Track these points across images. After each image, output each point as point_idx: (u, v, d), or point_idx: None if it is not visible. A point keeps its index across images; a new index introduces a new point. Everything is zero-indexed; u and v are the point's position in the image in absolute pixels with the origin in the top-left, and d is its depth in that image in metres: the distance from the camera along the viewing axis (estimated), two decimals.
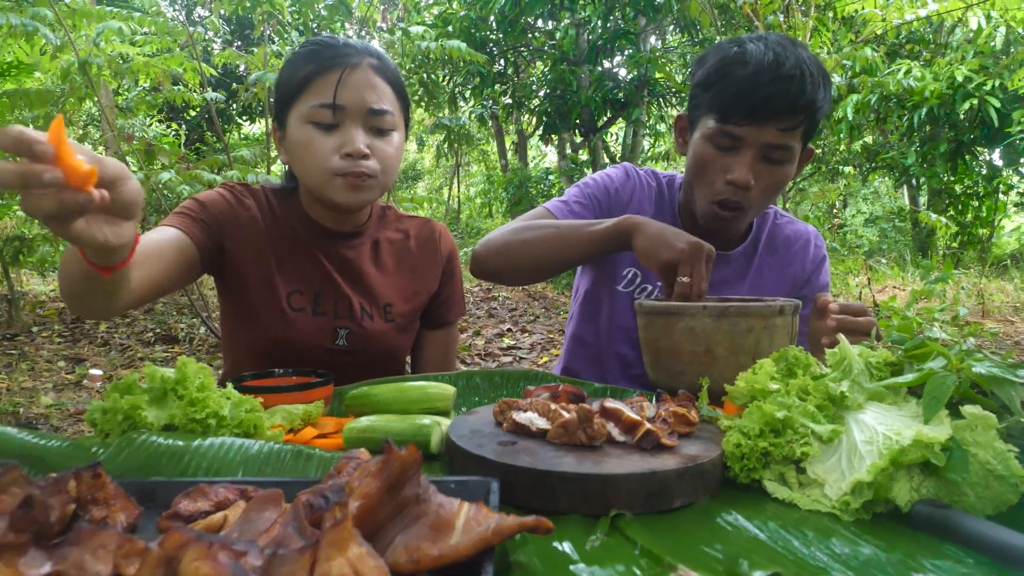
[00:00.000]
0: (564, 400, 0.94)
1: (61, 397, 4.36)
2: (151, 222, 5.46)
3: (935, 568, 0.61)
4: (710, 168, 1.41)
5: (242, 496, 0.72)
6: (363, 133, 1.33)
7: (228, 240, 1.41)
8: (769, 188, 1.41)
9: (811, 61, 1.33)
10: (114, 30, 4.25)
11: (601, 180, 1.64)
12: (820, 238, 1.69)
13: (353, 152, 1.31)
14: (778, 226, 1.66)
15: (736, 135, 1.36)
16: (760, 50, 1.32)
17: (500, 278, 1.54)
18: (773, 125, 1.33)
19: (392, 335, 1.51)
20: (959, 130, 8.61)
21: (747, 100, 1.32)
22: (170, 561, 0.50)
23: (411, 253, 1.57)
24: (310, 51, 1.36)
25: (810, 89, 1.31)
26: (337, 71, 1.32)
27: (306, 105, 1.33)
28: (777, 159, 1.38)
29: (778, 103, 1.31)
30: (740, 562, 0.59)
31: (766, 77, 1.30)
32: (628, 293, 1.60)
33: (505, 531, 0.58)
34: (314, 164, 1.33)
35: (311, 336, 1.43)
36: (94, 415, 0.95)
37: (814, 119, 1.37)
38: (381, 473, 0.60)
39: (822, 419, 0.78)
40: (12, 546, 0.53)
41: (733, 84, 1.33)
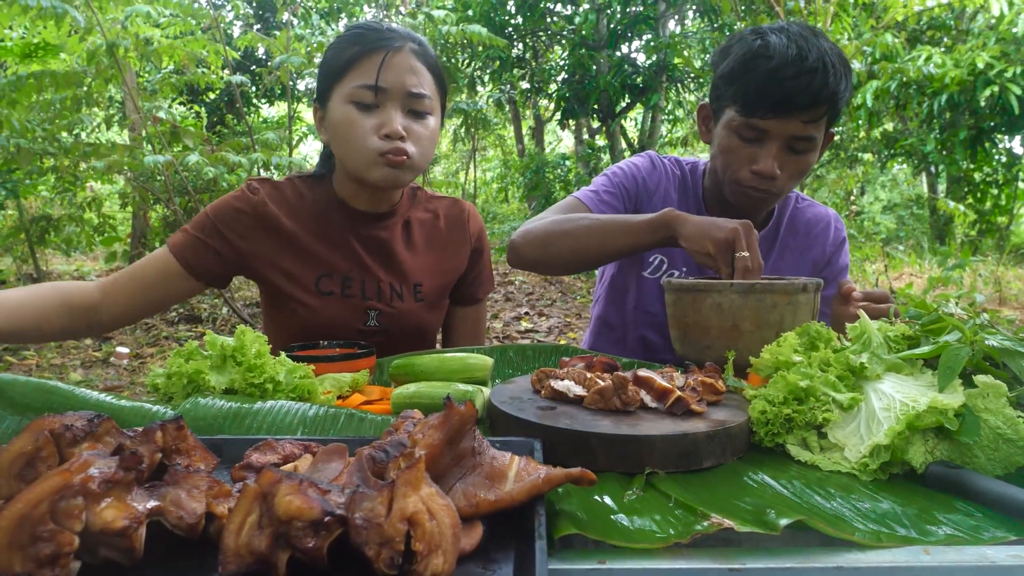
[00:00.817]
0: (599, 370, 1.00)
1: (89, 374, 4.48)
2: (176, 203, 5.55)
3: (948, 521, 0.66)
4: (736, 158, 1.45)
5: (307, 451, 0.79)
6: (401, 115, 1.38)
7: (246, 243, 1.46)
8: (795, 175, 1.45)
9: (832, 52, 1.36)
10: (142, 13, 4.32)
11: (628, 169, 1.67)
12: (840, 221, 1.73)
13: (391, 133, 1.36)
14: (799, 210, 1.69)
15: (761, 128, 1.39)
16: (783, 43, 1.34)
17: (540, 268, 1.57)
18: (797, 118, 1.36)
19: (422, 313, 1.56)
20: (979, 117, 8.53)
21: (771, 95, 1.35)
22: (265, 496, 0.56)
23: (441, 233, 1.62)
24: (355, 34, 1.40)
25: (832, 81, 1.34)
26: (380, 53, 1.36)
27: (349, 85, 1.37)
28: (801, 149, 1.41)
29: (801, 97, 1.33)
30: (768, 511, 0.65)
31: (790, 72, 1.32)
32: (655, 279, 1.64)
33: (554, 480, 0.64)
34: (355, 143, 1.38)
35: (341, 318, 1.49)
36: (156, 380, 1.02)
37: (836, 108, 1.40)
38: (443, 426, 0.66)
39: (842, 388, 0.83)
40: (121, 483, 0.59)
41: (757, 79, 1.36)
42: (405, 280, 1.55)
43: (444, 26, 5.24)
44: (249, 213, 1.46)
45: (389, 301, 1.52)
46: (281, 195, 1.51)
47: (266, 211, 1.47)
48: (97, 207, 7.01)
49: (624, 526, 0.65)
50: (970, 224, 9.84)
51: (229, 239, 1.45)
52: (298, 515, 0.54)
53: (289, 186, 1.53)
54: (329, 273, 1.49)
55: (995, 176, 9.49)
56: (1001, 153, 9.28)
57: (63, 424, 0.66)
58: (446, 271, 1.61)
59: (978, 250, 8.93)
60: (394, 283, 1.53)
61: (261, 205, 1.47)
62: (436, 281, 1.59)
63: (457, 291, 1.67)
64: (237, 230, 1.45)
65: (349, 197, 1.52)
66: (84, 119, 5.28)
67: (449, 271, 1.62)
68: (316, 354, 1.21)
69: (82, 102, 4.84)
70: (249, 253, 1.47)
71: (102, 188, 7.91)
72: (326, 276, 1.49)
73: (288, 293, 1.48)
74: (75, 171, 5.57)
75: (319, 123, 1.48)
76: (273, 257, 1.48)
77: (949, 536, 0.63)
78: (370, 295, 1.51)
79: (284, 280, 1.48)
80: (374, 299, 1.51)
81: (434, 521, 0.55)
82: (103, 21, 4.29)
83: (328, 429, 0.90)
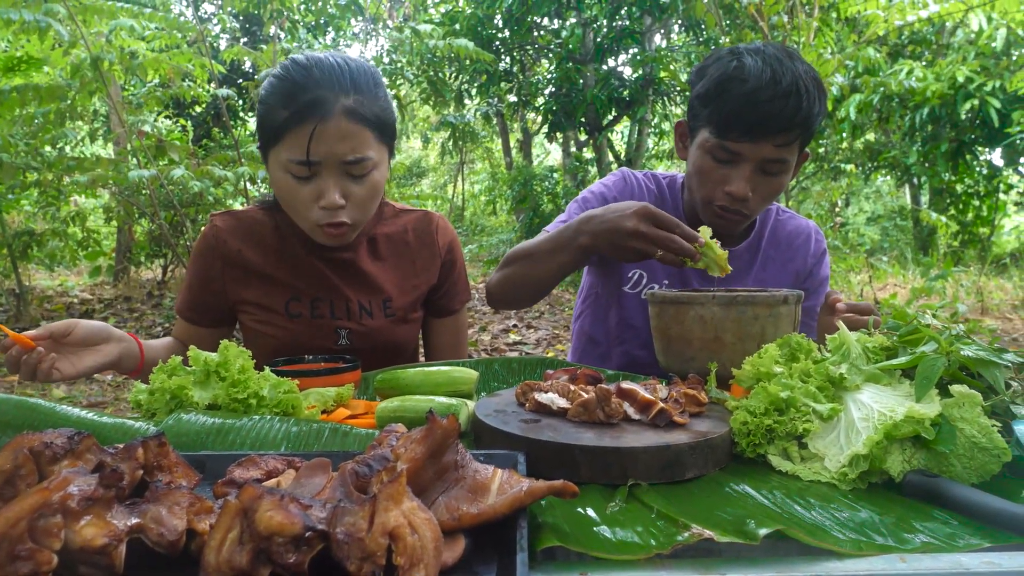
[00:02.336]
0: (582, 382, 1.00)
1: (73, 390, 4.43)
2: (161, 217, 5.52)
3: (924, 529, 0.67)
4: (708, 179, 1.46)
5: (290, 466, 0.79)
6: (337, 182, 1.34)
7: (226, 279, 1.51)
8: (767, 196, 1.46)
9: (807, 75, 1.37)
10: (126, 27, 4.32)
11: (599, 191, 1.67)
12: (820, 233, 1.75)
13: (328, 205, 1.34)
14: (780, 222, 1.71)
15: (734, 150, 1.40)
16: (758, 66, 1.36)
17: (512, 305, 1.61)
18: (770, 141, 1.37)
19: (393, 329, 1.56)
20: (960, 130, 8.66)
21: (744, 119, 1.36)
22: (246, 512, 0.56)
23: (409, 247, 1.61)
24: (285, 92, 1.33)
25: (806, 105, 1.35)
26: (310, 124, 1.29)
27: (283, 155, 1.34)
28: (774, 171, 1.42)
29: (775, 121, 1.35)
30: (748, 522, 0.65)
31: (763, 96, 1.33)
32: (636, 294, 1.64)
33: (536, 492, 0.65)
34: (294, 211, 1.40)
35: (313, 339, 1.49)
36: (139, 396, 1.02)
37: (810, 131, 1.41)
38: (425, 440, 0.66)
39: (822, 399, 0.84)
40: (101, 500, 0.59)
41: (731, 102, 1.37)
42: (374, 296, 1.55)
43: (431, 40, 5.27)
44: (218, 248, 1.51)
45: (359, 319, 1.53)
46: (242, 226, 1.53)
47: (227, 248, 1.50)
48: (81, 221, 6.97)
49: (606, 538, 0.65)
50: (953, 235, 9.95)
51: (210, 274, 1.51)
52: (279, 530, 0.54)
53: (250, 215, 1.54)
54: (297, 296, 1.51)
55: (977, 188, 9.61)
56: (982, 165, 9.41)
57: (43, 442, 0.66)
58: (416, 285, 1.61)
59: (961, 261, 9.04)
60: (363, 301, 1.54)
61: (222, 243, 1.50)
62: (406, 295, 1.59)
63: (432, 303, 1.66)
64: (214, 270, 1.51)
65: None
66: (68, 133, 5.26)
67: (419, 285, 1.61)
68: (301, 368, 1.20)
69: (66, 116, 4.82)
70: (225, 279, 1.52)
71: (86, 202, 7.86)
72: (294, 300, 1.51)
73: (258, 319, 1.50)
74: (59, 185, 5.54)
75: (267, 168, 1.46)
76: (241, 289, 1.51)
77: (925, 544, 0.64)
78: (339, 315, 1.52)
79: (254, 308, 1.51)
80: (344, 318, 1.52)
81: (416, 535, 0.56)
82: (87, 34, 4.28)
83: (312, 444, 0.90)
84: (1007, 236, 10.96)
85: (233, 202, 5.24)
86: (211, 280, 1.52)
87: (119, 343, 1.34)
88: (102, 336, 1.31)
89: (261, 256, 1.51)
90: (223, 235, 1.51)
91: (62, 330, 1.27)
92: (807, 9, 5.42)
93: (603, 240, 1.29)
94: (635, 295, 1.64)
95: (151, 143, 4.84)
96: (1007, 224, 10.56)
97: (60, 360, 1.26)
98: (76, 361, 1.28)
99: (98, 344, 1.31)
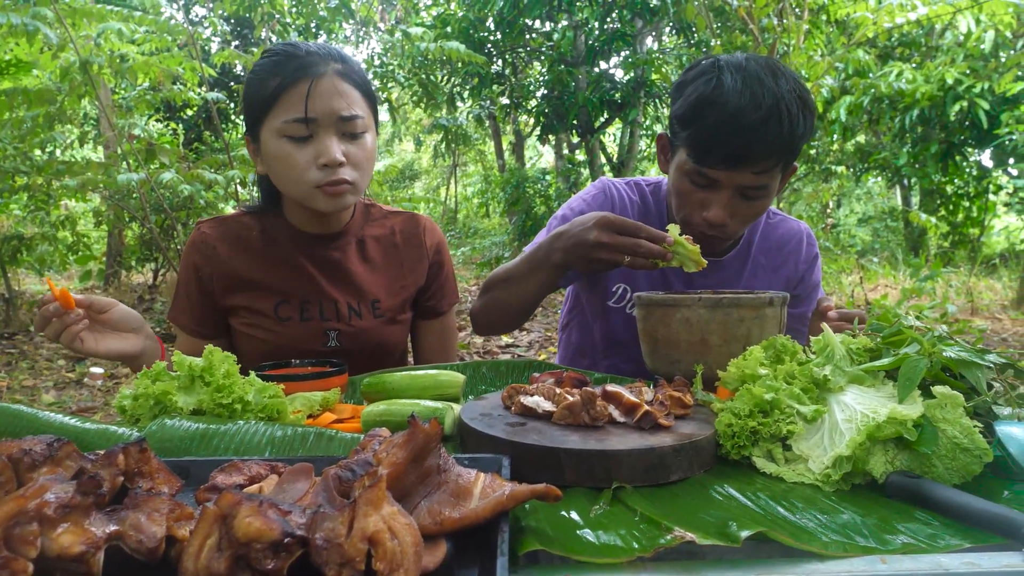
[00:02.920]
0: (568, 385, 1.00)
1: (62, 395, 4.41)
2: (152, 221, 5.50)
3: (906, 530, 0.68)
4: (687, 201, 1.43)
5: (273, 471, 0.78)
6: (337, 141, 1.36)
7: (215, 287, 1.51)
8: (748, 219, 1.44)
9: (790, 94, 1.30)
10: (114, 30, 4.30)
11: (578, 207, 1.63)
12: (812, 236, 1.71)
13: (330, 162, 1.35)
14: (771, 225, 1.68)
15: (711, 177, 1.36)
16: (736, 88, 1.29)
17: (499, 330, 1.61)
18: (749, 169, 1.33)
19: (381, 330, 1.56)
20: (950, 131, 8.71)
21: (722, 147, 1.31)
22: (224, 518, 0.56)
23: (397, 248, 1.61)
24: (273, 62, 1.37)
25: (787, 130, 1.29)
26: (305, 82, 1.33)
27: (278, 120, 1.35)
28: (754, 196, 1.38)
29: (753, 149, 1.30)
30: (730, 524, 0.65)
31: (742, 123, 1.27)
32: (620, 308, 1.62)
33: (519, 496, 0.65)
34: (294, 177, 1.38)
35: (302, 341, 1.49)
36: (123, 402, 1.01)
37: (793, 153, 1.36)
38: (407, 444, 0.66)
39: (807, 400, 0.85)
40: (78, 508, 0.58)
41: (708, 128, 1.31)
42: (363, 298, 1.55)
43: (422, 43, 5.26)
44: (203, 261, 1.50)
45: (348, 320, 1.53)
46: (229, 231, 1.52)
47: (215, 254, 1.50)
48: (71, 225, 6.93)
49: (589, 541, 0.65)
50: (943, 236, 10.00)
51: (199, 279, 1.51)
52: (257, 536, 0.53)
53: (237, 221, 1.54)
54: (287, 299, 1.51)
55: (966, 189, 9.66)
56: (972, 166, 9.46)
57: (22, 448, 0.66)
58: (404, 286, 1.61)
59: (951, 261, 9.08)
60: (351, 302, 1.54)
61: (210, 249, 1.50)
62: (394, 297, 1.59)
63: (420, 305, 1.66)
64: (204, 275, 1.51)
65: (300, 222, 1.53)
66: (57, 136, 5.23)
67: (407, 286, 1.61)
68: (287, 373, 1.20)
69: (55, 119, 4.79)
70: (214, 281, 1.51)
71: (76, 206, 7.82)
72: (284, 303, 1.51)
73: (248, 322, 1.50)
74: (48, 189, 5.51)
75: (254, 155, 1.47)
76: (230, 294, 1.51)
77: (906, 545, 0.64)
78: (328, 316, 1.52)
79: (244, 312, 1.51)
80: (333, 320, 1.52)
81: (396, 540, 0.55)
82: (76, 38, 4.26)
83: (297, 449, 0.90)
84: (996, 237, 11.02)
85: (224, 205, 5.22)
86: (204, 287, 1.51)
87: (146, 339, 1.36)
88: (133, 325, 1.34)
89: (249, 261, 1.51)
90: (211, 241, 1.51)
91: (102, 305, 1.30)
92: (797, 12, 5.45)
93: (573, 255, 1.30)
94: (620, 309, 1.62)
95: (141, 147, 4.82)
96: (997, 225, 10.61)
97: (87, 332, 1.27)
98: (100, 339, 1.30)
99: (127, 332, 1.33)
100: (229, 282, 1.50)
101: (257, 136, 1.41)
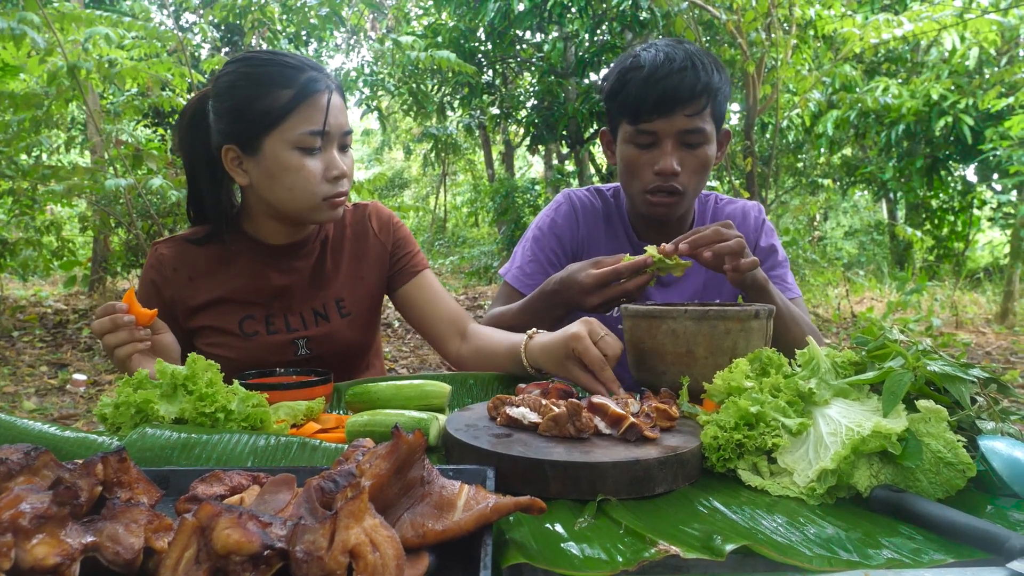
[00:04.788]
0: (554, 396, 1.00)
1: (44, 402, 4.35)
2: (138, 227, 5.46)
3: (890, 544, 0.68)
4: (636, 165, 1.51)
5: (255, 482, 0.77)
6: (339, 154, 1.40)
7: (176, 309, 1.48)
8: (697, 169, 1.51)
9: (700, 53, 1.48)
10: (102, 35, 4.28)
11: (547, 228, 1.70)
12: (760, 208, 1.77)
13: (341, 175, 1.38)
14: (719, 208, 1.74)
15: (650, 130, 1.47)
16: (651, 54, 1.47)
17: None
18: (680, 112, 1.45)
19: (349, 328, 1.54)
20: (935, 146, 8.82)
21: (650, 96, 1.44)
22: (203, 530, 0.55)
23: (349, 241, 1.60)
24: (276, 72, 1.34)
25: (704, 75, 1.44)
26: (322, 96, 1.35)
27: (294, 131, 1.33)
28: (695, 142, 1.48)
29: (679, 91, 1.43)
30: (715, 537, 0.65)
31: (661, 73, 1.43)
32: (617, 318, 1.63)
33: (503, 509, 0.64)
34: (302, 188, 1.36)
35: (271, 354, 1.47)
36: (104, 410, 1.00)
37: (717, 100, 1.49)
38: (390, 456, 0.65)
39: (792, 413, 0.85)
40: (54, 519, 0.57)
41: (634, 87, 1.46)
42: (327, 299, 1.54)
43: (413, 52, 5.27)
44: (162, 282, 1.48)
45: (315, 324, 1.52)
46: (187, 251, 1.50)
47: (175, 276, 1.48)
48: (56, 231, 6.86)
49: (573, 554, 0.65)
50: (928, 250, 10.09)
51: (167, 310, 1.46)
52: (236, 549, 0.53)
53: (195, 239, 1.51)
54: (251, 315, 1.49)
55: (951, 203, 9.77)
56: (956, 181, 9.57)
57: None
58: (362, 276, 1.59)
59: (936, 275, 9.16)
60: (316, 306, 1.53)
61: (168, 271, 1.48)
62: (358, 291, 1.58)
63: (393, 273, 1.63)
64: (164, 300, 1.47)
65: (267, 235, 1.51)
66: (44, 141, 5.19)
67: (364, 276, 1.59)
68: (271, 382, 1.19)
69: (42, 124, 4.76)
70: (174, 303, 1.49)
71: (62, 211, 7.75)
72: (249, 318, 1.49)
73: (212, 342, 1.48)
74: (33, 194, 5.46)
75: (234, 166, 1.41)
76: (192, 315, 1.48)
77: (890, 560, 0.64)
78: (295, 326, 1.50)
79: (208, 332, 1.48)
80: (299, 328, 1.50)
81: (377, 553, 0.55)
82: (64, 42, 4.24)
83: (280, 459, 0.89)
84: (981, 251, 11.14)
85: None
86: (166, 308, 1.46)
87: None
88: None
89: (210, 279, 1.48)
90: (170, 263, 1.48)
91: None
92: (785, 27, 5.50)
93: (575, 311, 1.39)
94: (616, 319, 1.62)
95: (129, 152, 4.79)
96: (981, 239, 10.73)
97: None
98: (145, 362, 1.26)
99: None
100: (190, 304, 1.48)
101: (256, 148, 1.36)
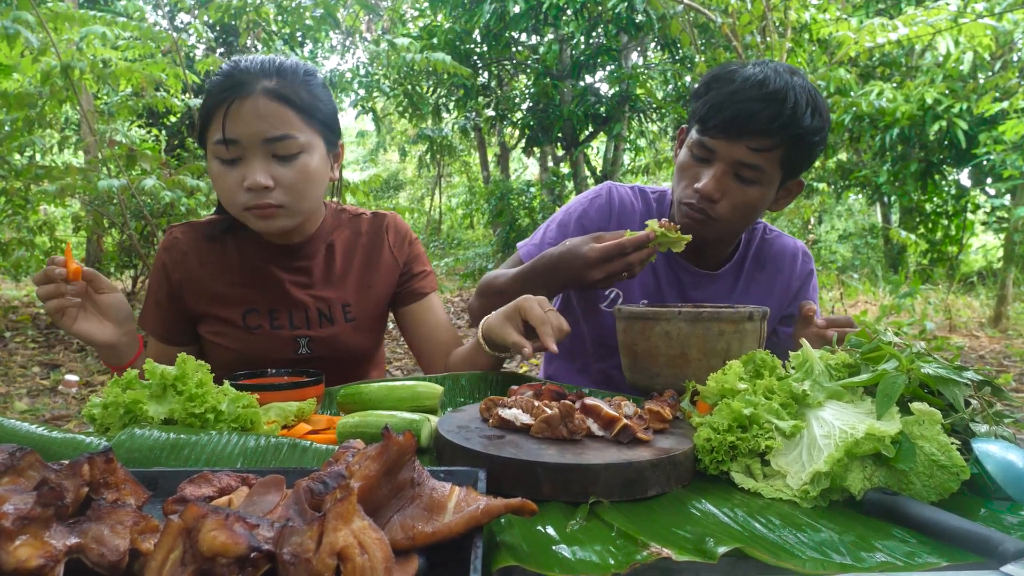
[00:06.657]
0: (547, 398, 0.99)
1: (36, 403, 4.32)
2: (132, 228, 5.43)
3: (883, 548, 0.67)
4: (685, 174, 1.45)
5: (244, 483, 0.76)
6: (263, 164, 1.32)
7: (184, 293, 1.49)
8: (739, 206, 1.41)
9: (803, 89, 1.34)
10: (97, 35, 4.26)
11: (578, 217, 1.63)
12: (808, 254, 1.69)
13: (252, 186, 1.31)
14: (766, 241, 1.66)
15: (709, 147, 1.38)
16: (751, 71, 1.36)
17: None
18: (744, 142, 1.34)
19: (353, 334, 1.54)
20: (929, 150, 8.85)
21: (723, 112, 1.34)
22: (189, 532, 0.54)
23: (364, 249, 1.59)
24: (214, 81, 1.35)
25: (789, 113, 1.31)
26: (239, 103, 1.30)
27: (211, 140, 1.34)
28: (747, 178, 1.38)
29: (753, 120, 1.32)
30: (707, 540, 0.65)
31: (746, 94, 1.32)
32: (612, 312, 1.62)
33: (493, 511, 0.63)
34: (225, 198, 1.37)
35: (272, 350, 1.47)
36: (93, 410, 0.99)
37: (797, 146, 1.36)
38: (380, 457, 0.65)
39: (785, 416, 0.84)
40: (38, 520, 0.57)
41: (716, 96, 1.36)
42: (332, 303, 1.53)
43: (408, 54, 5.26)
44: (173, 266, 1.49)
45: (319, 326, 1.50)
46: (200, 237, 1.51)
47: (185, 260, 1.48)
48: (49, 231, 6.83)
49: (565, 557, 0.64)
50: (922, 253, 10.13)
51: (167, 290, 1.49)
52: (222, 551, 0.52)
53: (208, 228, 1.52)
54: (255, 308, 1.48)
55: (945, 207, 9.81)
56: (950, 185, 9.62)
57: None
58: (371, 285, 1.58)
59: (929, 279, 9.20)
60: (322, 308, 1.52)
61: (181, 255, 1.49)
62: (364, 298, 1.56)
63: (401, 291, 1.62)
64: (173, 285, 1.49)
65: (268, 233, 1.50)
66: (37, 141, 5.16)
67: (374, 285, 1.58)
68: (262, 382, 1.18)
69: (35, 123, 4.73)
70: (183, 292, 1.49)
71: (55, 211, 7.71)
72: (252, 311, 1.48)
73: (215, 331, 1.48)
74: (26, 194, 5.43)
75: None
76: (199, 301, 1.48)
77: (884, 563, 0.64)
78: (298, 324, 1.49)
79: (212, 320, 1.48)
80: (303, 327, 1.50)
81: (365, 555, 0.54)
82: (58, 42, 4.21)
83: (270, 460, 0.88)
84: (974, 255, 11.19)
85: (206, 212, 5.18)
86: (174, 291, 1.49)
87: (125, 335, 1.34)
88: (119, 317, 1.33)
89: (219, 268, 1.49)
90: (182, 246, 1.49)
91: (102, 284, 1.30)
92: (780, 30, 5.51)
93: (574, 286, 1.35)
94: (611, 313, 1.61)
95: (122, 152, 4.76)
96: (975, 243, 10.78)
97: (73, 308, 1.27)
98: (83, 318, 1.29)
99: (111, 321, 1.32)
100: (198, 289, 1.48)
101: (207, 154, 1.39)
